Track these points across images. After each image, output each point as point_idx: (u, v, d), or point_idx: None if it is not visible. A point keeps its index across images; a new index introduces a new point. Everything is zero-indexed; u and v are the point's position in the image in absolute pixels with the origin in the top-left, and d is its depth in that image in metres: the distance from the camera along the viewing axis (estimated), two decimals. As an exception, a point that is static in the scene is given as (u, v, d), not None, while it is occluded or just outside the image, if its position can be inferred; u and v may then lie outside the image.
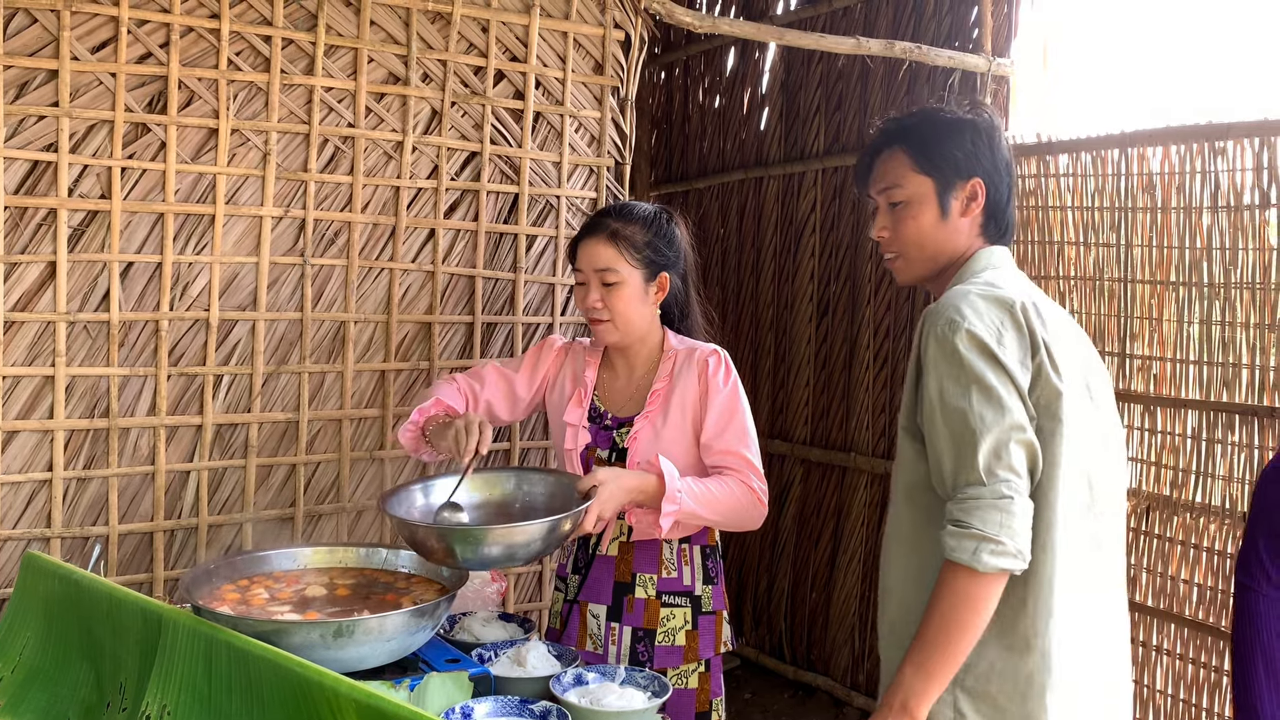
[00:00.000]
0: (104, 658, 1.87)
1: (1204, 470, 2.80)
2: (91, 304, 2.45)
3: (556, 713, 1.74)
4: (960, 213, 1.85)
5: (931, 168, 1.85)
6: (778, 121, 4.46)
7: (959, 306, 1.70)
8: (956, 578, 1.63)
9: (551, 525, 1.91)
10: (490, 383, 2.37)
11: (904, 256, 1.89)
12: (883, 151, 1.91)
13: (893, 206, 1.88)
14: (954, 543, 1.63)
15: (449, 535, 1.90)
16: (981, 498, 1.63)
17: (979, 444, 1.64)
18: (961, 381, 1.67)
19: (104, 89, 2.41)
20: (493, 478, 2.21)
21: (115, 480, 2.49)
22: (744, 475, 2.19)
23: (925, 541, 1.75)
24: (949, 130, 1.86)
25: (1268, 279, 2.66)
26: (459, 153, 2.82)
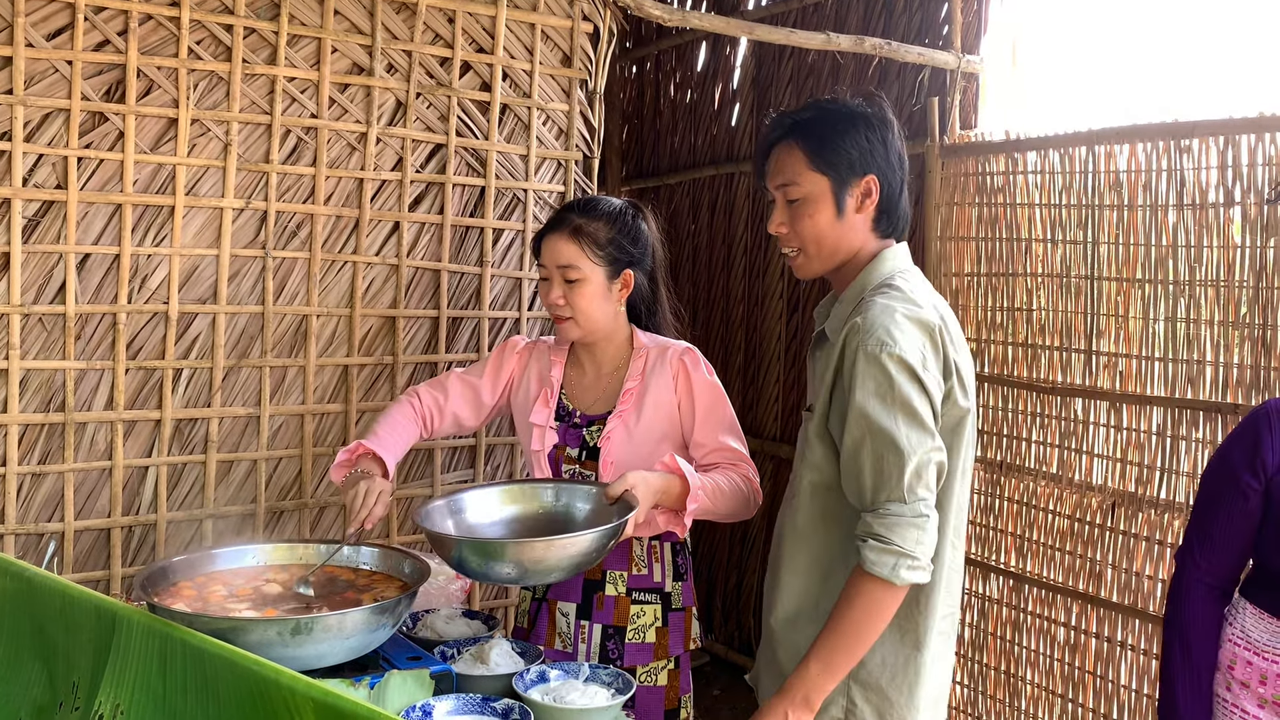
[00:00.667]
0: (56, 656, 1.83)
1: (1168, 466, 2.82)
2: (47, 296, 2.40)
3: (519, 710, 1.72)
4: (855, 209, 1.89)
5: (827, 166, 1.88)
6: (749, 117, 4.46)
7: (888, 328, 1.77)
8: (873, 588, 1.74)
9: (607, 534, 1.89)
10: (455, 393, 2.34)
11: (803, 253, 1.93)
12: (778, 145, 1.93)
13: (790, 203, 1.91)
14: (874, 556, 1.73)
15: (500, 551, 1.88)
16: (903, 515, 1.74)
17: (905, 465, 1.74)
18: (888, 403, 1.75)
19: (60, 77, 2.37)
20: (530, 491, 2.16)
21: (71, 476, 2.44)
22: (740, 468, 2.19)
23: (821, 537, 1.88)
24: (844, 126, 1.88)
25: (1231, 277, 2.68)
26: (424, 145, 2.79)
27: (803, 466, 1.90)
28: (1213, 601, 1.99)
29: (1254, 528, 1.94)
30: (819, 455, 1.87)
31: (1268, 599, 1.93)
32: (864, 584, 1.75)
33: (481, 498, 2.14)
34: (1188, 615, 1.99)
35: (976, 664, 3.35)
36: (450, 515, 2.09)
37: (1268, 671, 1.90)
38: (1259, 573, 1.99)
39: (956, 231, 3.38)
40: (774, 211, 1.94)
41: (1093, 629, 3.00)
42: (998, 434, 3.27)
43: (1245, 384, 2.64)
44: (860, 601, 1.75)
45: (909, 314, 1.80)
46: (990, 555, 3.30)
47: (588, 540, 1.88)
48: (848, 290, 1.93)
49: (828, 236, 1.89)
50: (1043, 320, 3.14)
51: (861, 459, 1.77)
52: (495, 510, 2.12)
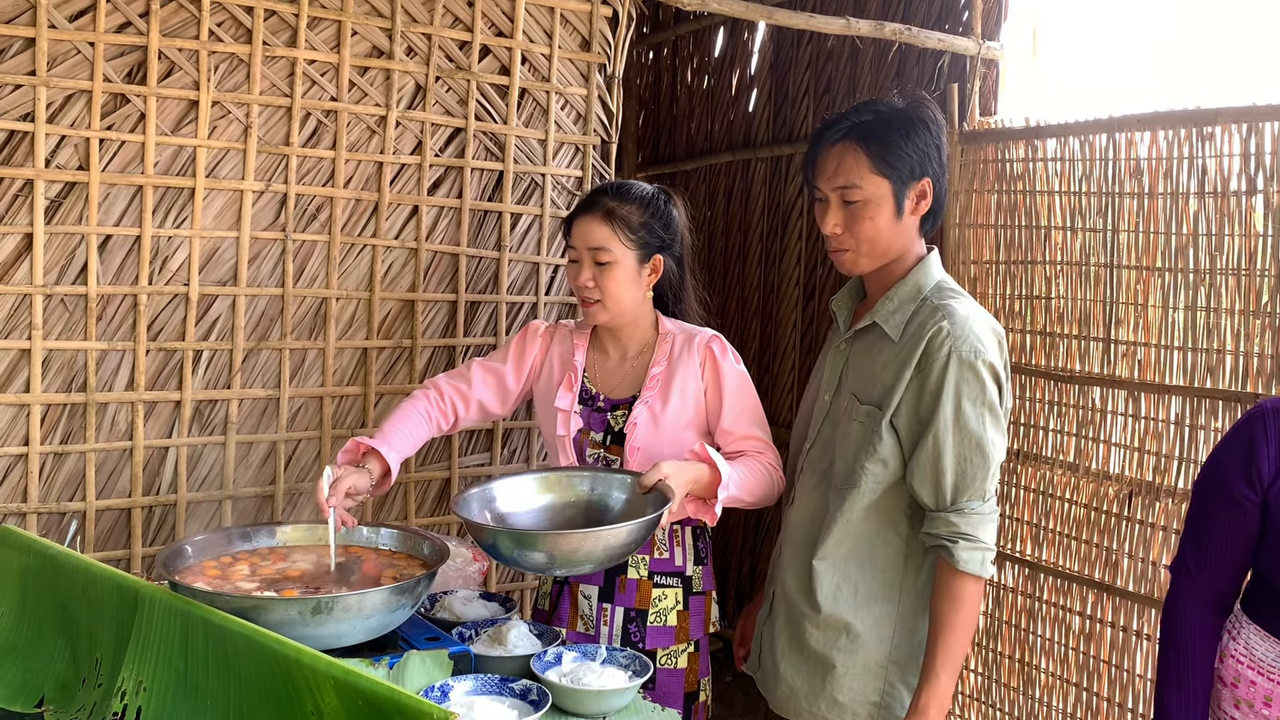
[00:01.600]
0: (79, 633, 1.85)
1: (1186, 456, 2.80)
2: (69, 277, 2.41)
3: (536, 691, 1.74)
4: (911, 211, 1.95)
5: (890, 169, 1.92)
6: (766, 103, 4.44)
7: (979, 334, 1.88)
8: (970, 585, 1.85)
9: (645, 525, 1.91)
10: (478, 381, 2.33)
11: (855, 252, 1.97)
12: (834, 146, 1.96)
13: (848, 204, 1.93)
14: (967, 555, 1.84)
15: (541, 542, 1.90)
16: (984, 514, 1.86)
17: (989, 466, 1.86)
18: (979, 407, 1.86)
19: (82, 58, 2.37)
20: (565, 480, 2.17)
21: (93, 455, 2.46)
22: (765, 456, 2.20)
23: (873, 527, 1.95)
24: (905, 130, 1.93)
25: (1253, 266, 2.66)
26: (443, 128, 2.79)
27: (867, 459, 1.93)
28: (1209, 616, 1.86)
29: (1252, 539, 1.79)
30: (888, 449, 1.91)
31: (1270, 617, 1.80)
32: (962, 583, 1.85)
33: (517, 486, 2.15)
34: (1183, 631, 1.87)
35: (991, 652, 3.34)
36: (485, 504, 2.10)
37: (1273, 693, 1.79)
38: (1260, 588, 1.85)
39: (975, 219, 3.37)
40: (827, 211, 1.97)
41: (1108, 618, 2.99)
42: (1015, 422, 3.26)
43: (1265, 374, 2.62)
44: (965, 601, 1.85)
45: (988, 322, 1.92)
46: (1006, 544, 3.29)
47: (625, 532, 1.89)
48: (899, 289, 1.97)
49: (884, 237, 1.95)
50: (1061, 308, 3.12)
51: (946, 460, 1.85)
52: (531, 499, 2.13)
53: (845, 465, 1.97)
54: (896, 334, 1.93)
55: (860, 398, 1.96)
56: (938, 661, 1.85)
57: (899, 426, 1.90)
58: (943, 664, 1.85)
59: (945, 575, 1.86)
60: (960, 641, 1.86)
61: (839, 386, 2.03)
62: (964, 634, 1.86)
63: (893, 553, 1.94)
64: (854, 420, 1.96)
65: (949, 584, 1.86)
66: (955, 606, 1.85)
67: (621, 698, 1.78)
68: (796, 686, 2.01)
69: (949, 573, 1.85)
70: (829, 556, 1.96)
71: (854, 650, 1.95)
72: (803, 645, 1.99)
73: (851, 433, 1.96)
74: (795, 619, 2.01)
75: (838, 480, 1.98)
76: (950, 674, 1.86)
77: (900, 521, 1.93)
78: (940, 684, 1.85)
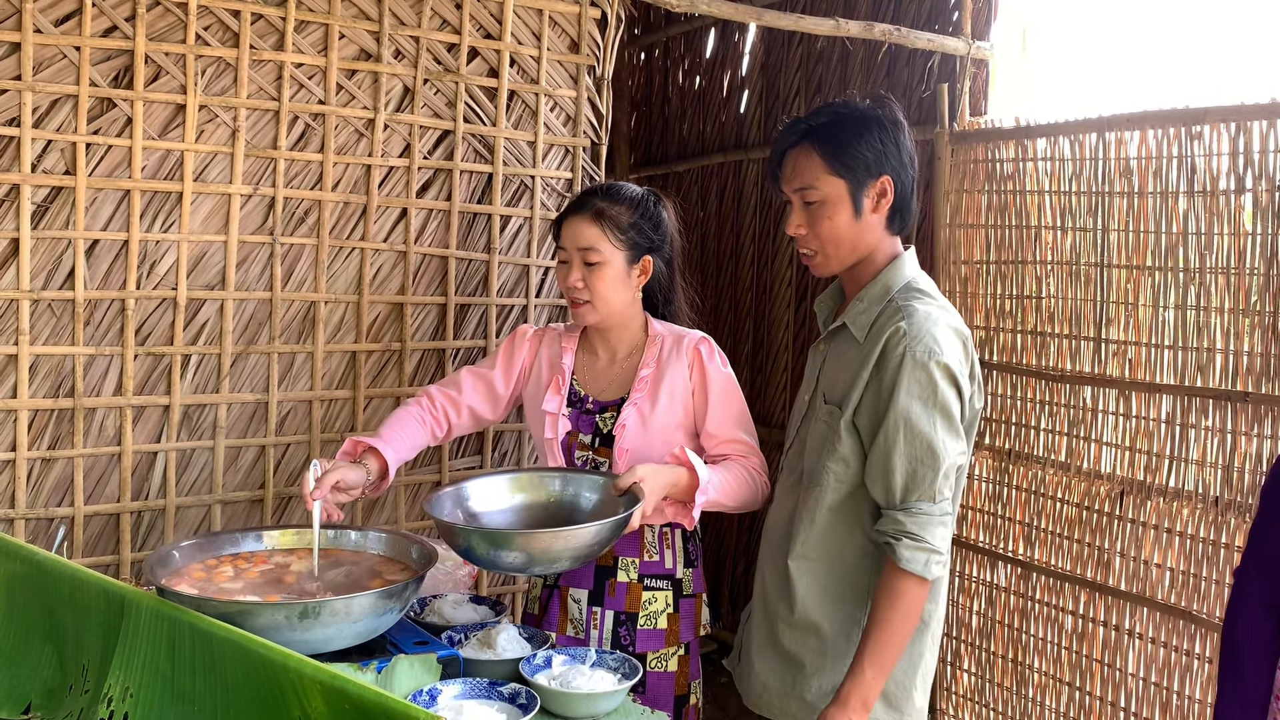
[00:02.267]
0: (66, 639, 1.84)
1: (1177, 454, 2.80)
2: (56, 282, 2.41)
3: (525, 695, 1.73)
4: (871, 209, 1.96)
5: (844, 169, 1.93)
6: (758, 104, 4.44)
7: (935, 335, 1.86)
8: (910, 585, 1.84)
9: (613, 525, 1.90)
10: (468, 387, 2.33)
11: (821, 254, 1.99)
12: (793, 149, 1.98)
13: (807, 205, 1.96)
14: (909, 554, 1.83)
15: (507, 540, 1.89)
16: (932, 514, 1.84)
17: (938, 466, 1.84)
18: (930, 408, 1.85)
19: (68, 63, 2.37)
20: (537, 480, 2.17)
21: (80, 461, 2.45)
22: (750, 460, 2.20)
23: (840, 527, 1.95)
24: (858, 130, 1.94)
25: (1242, 264, 2.66)
26: (432, 131, 2.78)
27: (828, 458, 1.94)
28: (1267, 623, 1.82)
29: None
30: (848, 449, 1.92)
31: None
32: (901, 582, 1.84)
33: (489, 486, 2.15)
34: (1240, 635, 1.85)
35: (984, 652, 3.34)
36: (458, 503, 2.09)
37: None
38: None
39: (965, 219, 3.37)
40: (791, 214, 2.00)
41: (1101, 617, 3.00)
42: (1006, 422, 3.26)
43: (1255, 372, 2.63)
44: (901, 600, 1.84)
45: (950, 322, 1.91)
46: (998, 543, 3.29)
47: (593, 532, 1.89)
48: (869, 290, 1.99)
49: (846, 237, 1.96)
50: (1052, 308, 3.12)
51: (895, 459, 1.85)
52: (503, 498, 2.13)
53: (811, 465, 1.99)
54: (861, 334, 1.94)
55: (827, 397, 1.98)
56: (866, 655, 1.84)
57: (860, 426, 1.91)
58: (870, 658, 1.84)
59: (888, 572, 1.87)
60: (893, 639, 1.84)
61: (815, 387, 2.04)
62: (898, 632, 1.84)
63: (859, 554, 1.94)
64: (820, 420, 1.98)
65: (890, 581, 1.85)
66: (892, 604, 1.84)
67: (610, 700, 1.77)
68: (769, 684, 2.02)
69: (890, 570, 1.86)
70: (800, 557, 1.98)
71: (823, 650, 1.95)
72: (776, 644, 2.00)
73: (817, 432, 1.98)
74: (770, 618, 2.02)
75: (806, 480, 2.00)
76: (876, 669, 1.84)
77: (866, 522, 1.93)
78: (864, 677, 1.84)
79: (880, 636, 1.85)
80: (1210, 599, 2.73)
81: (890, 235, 2.00)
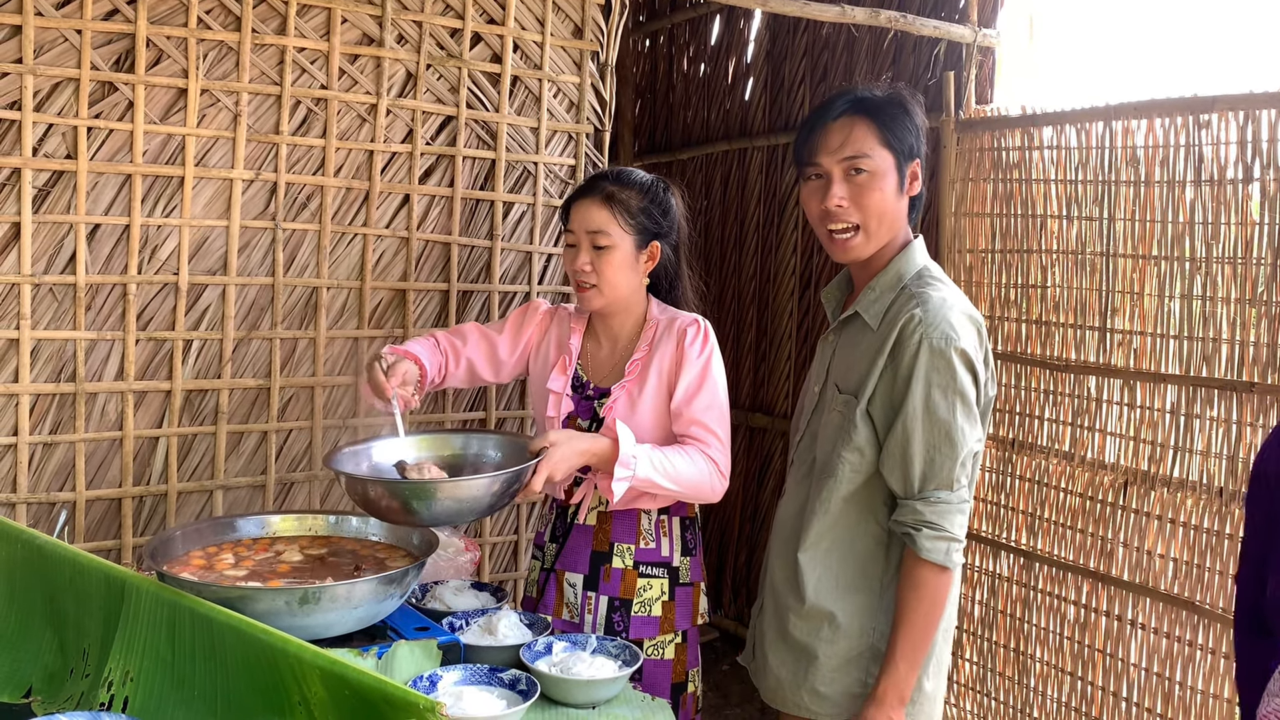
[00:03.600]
0: (67, 624, 1.84)
1: (1182, 445, 2.79)
2: (57, 266, 2.40)
3: (525, 681, 1.73)
4: (906, 191, 1.96)
5: (897, 142, 1.94)
6: (762, 91, 4.42)
7: (952, 321, 1.85)
8: (932, 575, 1.84)
9: (505, 479, 1.88)
10: (472, 341, 2.34)
11: (864, 229, 1.94)
12: (839, 119, 1.95)
13: (855, 174, 1.92)
14: (929, 544, 1.83)
15: (397, 490, 1.86)
16: (950, 503, 1.84)
17: (956, 454, 1.83)
18: (949, 395, 1.83)
19: (69, 46, 2.36)
20: (442, 439, 2.18)
21: (82, 445, 2.45)
22: (707, 446, 2.16)
23: (853, 517, 1.94)
24: (906, 110, 1.95)
25: (1249, 254, 2.64)
26: (434, 117, 2.77)
27: (843, 448, 1.93)
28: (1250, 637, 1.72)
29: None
30: (863, 438, 1.91)
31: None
32: (924, 572, 1.84)
33: (393, 442, 2.12)
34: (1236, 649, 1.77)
35: (986, 641, 3.34)
36: (362, 459, 2.07)
37: None
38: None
39: (971, 207, 3.35)
40: (829, 186, 1.94)
41: (1103, 607, 2.99)
42: (1010, 411, 3.25)
43: (1261, 362, 2.61)
44: (926, 590, 1.84)
45: (964, 309, 1.91)
46: (1001, 533, 3.29)
47: (482, 485, 1.87)
48: (881, 277, 1.97)
49: (889, 213, 1.95)
50: (1057, 297, 3.11)
51: (913, 447, 1.84)
52: (405, 454, 2.10)
53: (824, 455, 1.97)
54: (875, 322, 1.93)
55: (840, 387, 1.96)
56: (898, 650, 1.86)
57: (875, 415, 1.90)
58: (902, 653, 1.85)
59: (909, 563, 1.86)
60: (921, 630, 1.85)
61: (826, 377, 2.03)
62: (925, 623, 1.85)
63: (873, 543, 1.93)
64: (834, 410, 1.96)
65: (912, 572, 1.85)
66: (917, 595, 1.85)
67: (611, 688, 1.77)
68: (782, 677, 2.01)
69: (912, 561, 1.85)
70: (811, 548, 1.96)
71: (835, 640, 1.95)
72: (787, 636, 1.99)
73: (831, 422, 1.96)
74: (781, 611, 2.01)
75: (818, 470, 1.98)
76: (909, 663, 1.85)
77: (880, 511, 1.92)
78: (899, 672, 1.85)
79: (909, 629, 1.85)
80: (1214, 590, 2.72)
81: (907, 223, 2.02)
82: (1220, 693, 2.71)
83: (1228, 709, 2.70)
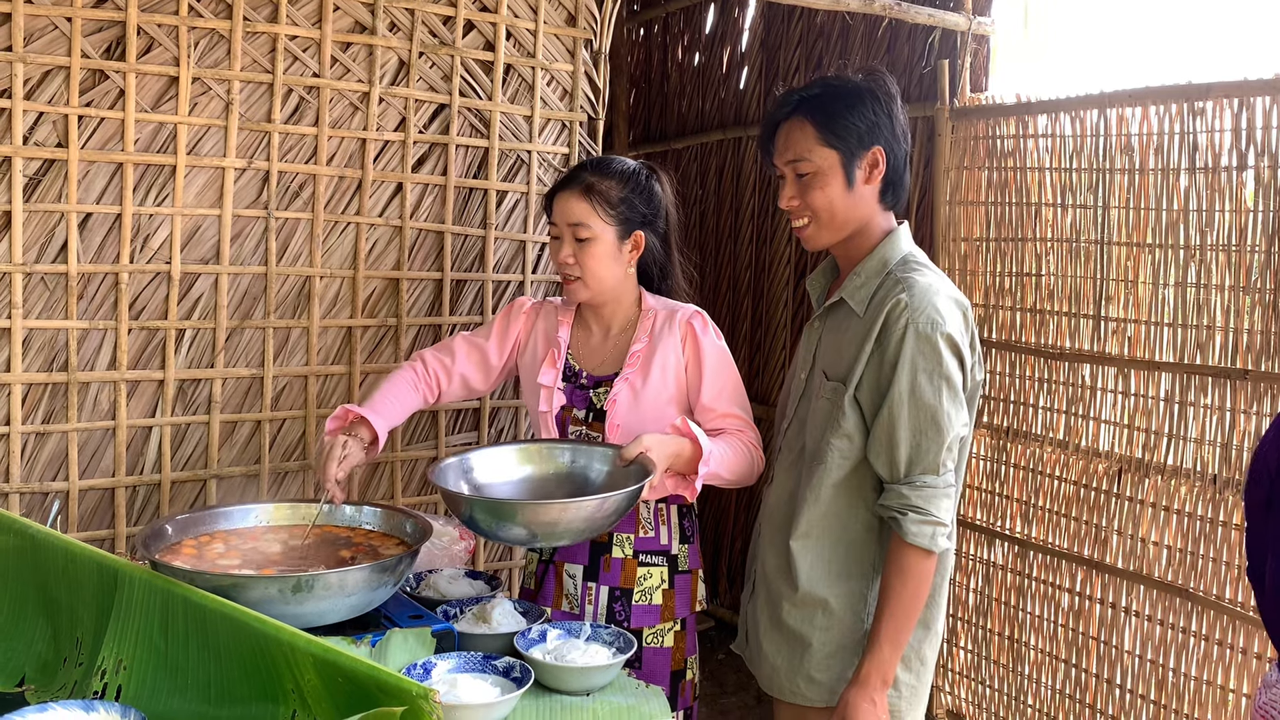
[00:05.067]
0: (60, 613, 1.84)
1: (1176, 432, 2.80)
2: (49, 255, 2.39)
3: (519, 668, 1.73)
4: (864, 181, 1.95)
5: (836, 140, 1.93)
6: (757, 80, 4.41)
7: (938, 306, 1.86)
8: (918, 559, 1.85)
9: (628, 495, 1.90)
10: (461, 355, 2.33)
11: (814, 223, 1.98)
12: (785, 122, 1.99)
13: (800, 177, 1.96)
14: (915, 529, 1.84)
15: (523, 511, 1.88)
16: (936, 487, 1.85)
17: (943, 439, 1.84)
18: (935, 379, 1.84)
19: (60, 34, 2.34)
20: (545, 451, 2.16)
21: (75, 435, 2.44)
22: (746, 434, 2.19)
23: (843, 503, 1.95)
24: (850, 101, 1.94)
25: (1243, 241, 2.64)
26: (427, 105, 2.76)
27: (832, 435, 1.93)
28: None
29: None
30: (851, 424, 1.92)
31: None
32: (909, 556, 1.85)
33: (496, 456, 2.14)
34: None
35: (980, 629, 3.35)
36: (463, 474, 2.08)
37: None
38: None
39: (966, 196, 3.35)
40: (784, 187, 1.99)
41: (1097, 595, 3.00)
42: (1004, 400, 3.25)
43: (1255, 349, 2.61)
44: (911, 575, 1.86)
45: (950, 293, 1.91)
46: (995, 521, 3.29)
47: (608, 504, 1.88)
48: (866, 263, 1.98)
49: (838, 208, 1.95)
50: (1051, 285, 3.11)
51: (899, 432, 1.85)
52: (510, 470, 2.12)
53: (813, 442, 1.98)
54: (861, 309, 1.93)
55: (828, 374, 1.97)
56: (881, 632, 1.87)
57: (862, 401, 1.91)
58: (886, 635, 1.86)
59: (894, 547, 1.87)
60: (905, 614, 1.86)
61: (812, 364, 2.03)
62: (910, 607, 1.86)
63: (864, 529, 1.94)
64: (822, 397, 1.97)
65: (897, 556, 1.86)
66: (902, 579, 1.86)
67: (605, 675, 1.77)
68: (778, 665, 2.01)
69: (898, 545, 1.87)
70: (803, 535, 1.97)
71: (829, 627, 1.95)
72: (781, 624, 2.00)
73: (819, 409, 1.97)
74: (774, 599, 2.02)
75: (808, 458, 1.99)
76: (893, 645, 1.87)
77: (870, 497, 1.93)
78: (882, 654, 1.86)
79: (894, 613, 1.86)
80: (1207, 577, 2.73)
81: (884, 210, 2.00)
82: (1214, 679, 2.72)
83: (1221, 695, 2.71)
